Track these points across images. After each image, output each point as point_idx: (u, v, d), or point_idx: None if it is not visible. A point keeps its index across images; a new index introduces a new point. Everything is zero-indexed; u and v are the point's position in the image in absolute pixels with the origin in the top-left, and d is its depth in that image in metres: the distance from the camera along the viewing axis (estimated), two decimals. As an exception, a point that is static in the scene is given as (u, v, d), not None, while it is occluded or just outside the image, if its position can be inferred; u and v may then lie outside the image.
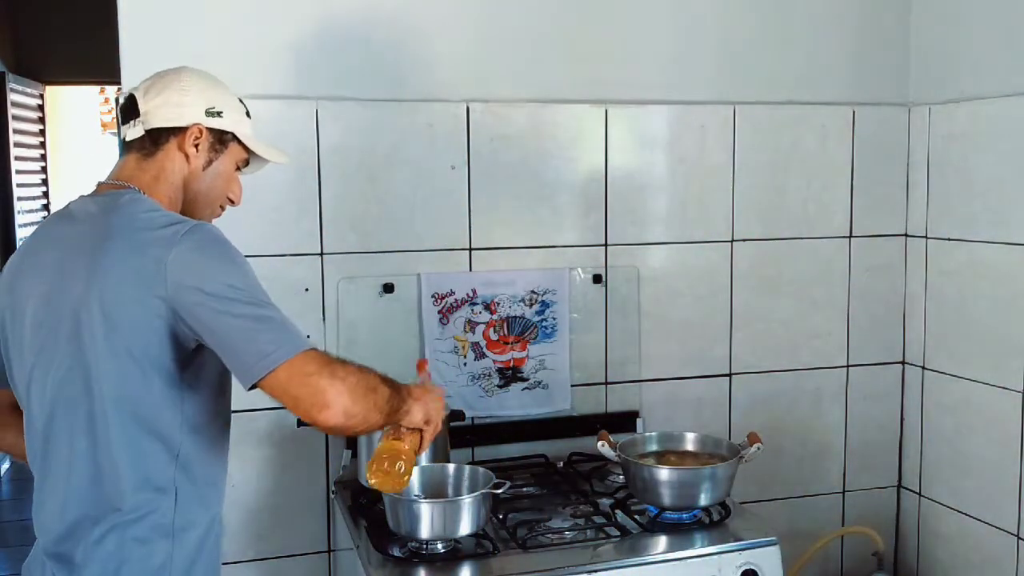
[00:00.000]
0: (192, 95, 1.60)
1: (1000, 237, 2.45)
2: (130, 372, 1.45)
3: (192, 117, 1.60)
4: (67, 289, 1.47)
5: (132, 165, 1.60)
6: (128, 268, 1.44)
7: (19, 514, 5.02)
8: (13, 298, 1.56)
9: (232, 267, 1.46)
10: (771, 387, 2.69)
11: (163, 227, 1.47)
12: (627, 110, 2.50)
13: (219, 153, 1.64)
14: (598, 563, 1.89)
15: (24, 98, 6.02)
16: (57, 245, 1.53)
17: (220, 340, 1.44)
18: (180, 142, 1.60)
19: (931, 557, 2.75)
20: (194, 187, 1.62)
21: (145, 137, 1.59)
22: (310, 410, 1.43)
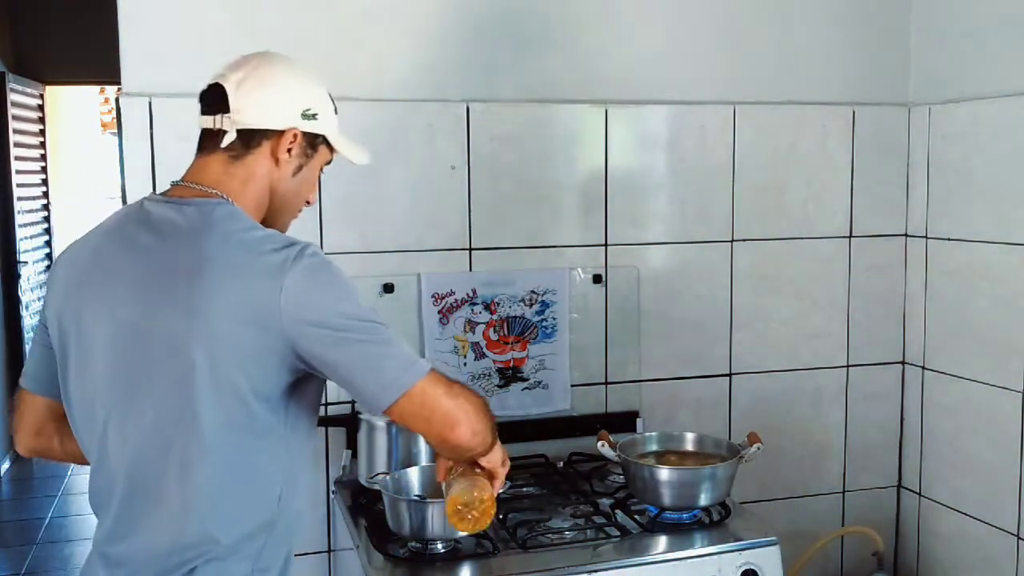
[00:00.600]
0: (291, 95, 1.49)
1: (1000, 237, 2.45)
2: (235, 411, 1.37)
3: (289, 120, 1.48)
4: (159, 321, 1.36)
5: (218, 168, 1.47)
6: (236, 300, 1.34)
7: (19, 514, 5.02)
8: (80, 311, 1.43)
9: (344, 293, 1.40)
10: (771, 387, 2.69)
11: (270, 252, 1.37)
12: (627, 110, 2.50)
13: (309, 158, 1.54)
14: (598, 563, 1.89)
15: (24, 98, 6.02)
16: (138, 262, 1.41)
17: (344, 372, 1.39)
18: (274, 146, 1.48)
19: (931, 557, 2.75)
20: (280, 193, 1.52)
21: (235, 138, 1.46)
22: (443, 430, 1.43)
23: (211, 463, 1.38)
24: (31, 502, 5.19)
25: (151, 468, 1.40)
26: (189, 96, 2.16)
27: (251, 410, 1.38)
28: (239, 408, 1.37)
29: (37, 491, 5.35)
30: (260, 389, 1.38)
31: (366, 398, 1.41)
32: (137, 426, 1.39)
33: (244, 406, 1.37)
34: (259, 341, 1.35)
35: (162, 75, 2.19)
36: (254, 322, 1.34)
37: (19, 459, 5.83)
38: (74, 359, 1.45)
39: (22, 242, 5.86)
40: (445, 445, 1.47)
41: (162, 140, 2.18)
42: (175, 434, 1.38)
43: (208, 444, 1.37)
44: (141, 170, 2.17)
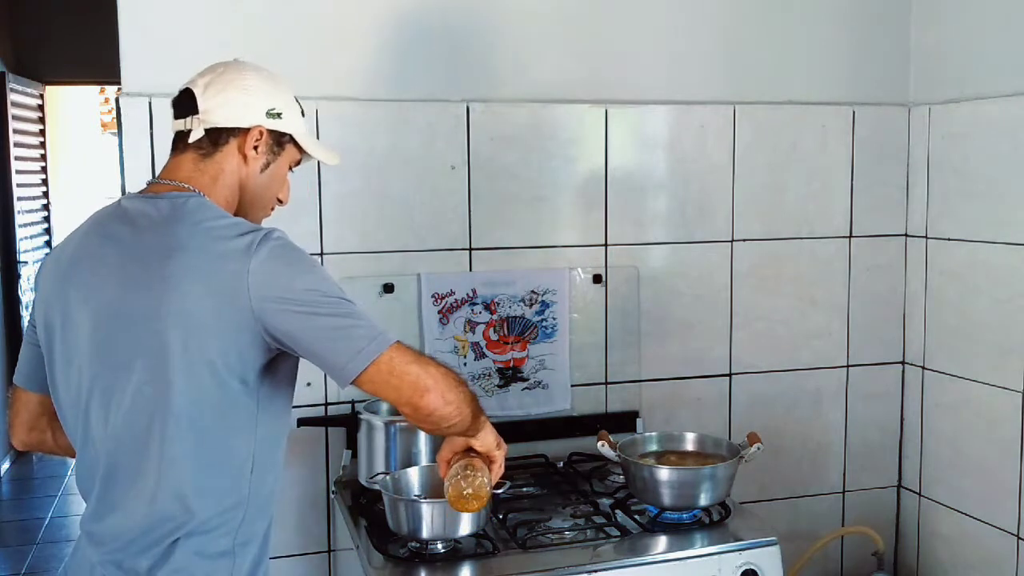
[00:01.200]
0: (255, 95, 1.56)
1: (1000, 237, 2.45)
2: (208, 387, 1.43)
3: (254, 118, 1.56)
4: (135, 302, 1.43)
5: (189, 165, 1.55)
6: (205, 281, 1.41)
7: (19, 514, 5.02)
8: (65, 303, 1.50)
9: (310, 271, 1.46)
10: (771, 387, 2.69)
11: (236, 236, 1.44)
12: (627, 110, 2.50)
13: (276, 155, 1.61)
14: (598, 563, 1.89)
15: (24, 98, 6.02)
16: (116, 251, 1.48)
17: (311, 345, 1.44)
18: (240, 143, 1.56)
19: (931, 557, 2.75)
20: (250, 189, 1.59)
21: (204, 136, 1.54)
22: (412, 396, 1.47)
23: (185, 439, 1.43)
24: (31, 502, 5.19)
25: (129, 445, 1.45)
26: (189, 96, 2.19)
27: (225, 388, 1.43)
28: (213, 386, 1.43)
29: (37, 491, 5.36)
30: (234, 368, 1.43)
31: (335, 370, 1.45)
32: (118, 404, 1.45)
33: (219, 384, 1.43)
34: (230, 320, 1.41)
35: (162, 75, 2.18)
36: (225, 302, 1.40)
37: (19, 459, 5.83)
38: (59, 350, 1.51)
39: (22, 242, 5.87)
40: (418, 414, 1.49)
41: (162, 140, 2.17)
42: (152, 411, 1.43)
43: (182, 420, 1.42)
44: (141, 170, 2.17)
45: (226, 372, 1.43)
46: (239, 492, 1.49)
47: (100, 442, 1.48)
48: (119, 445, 1.46)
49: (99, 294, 1.46)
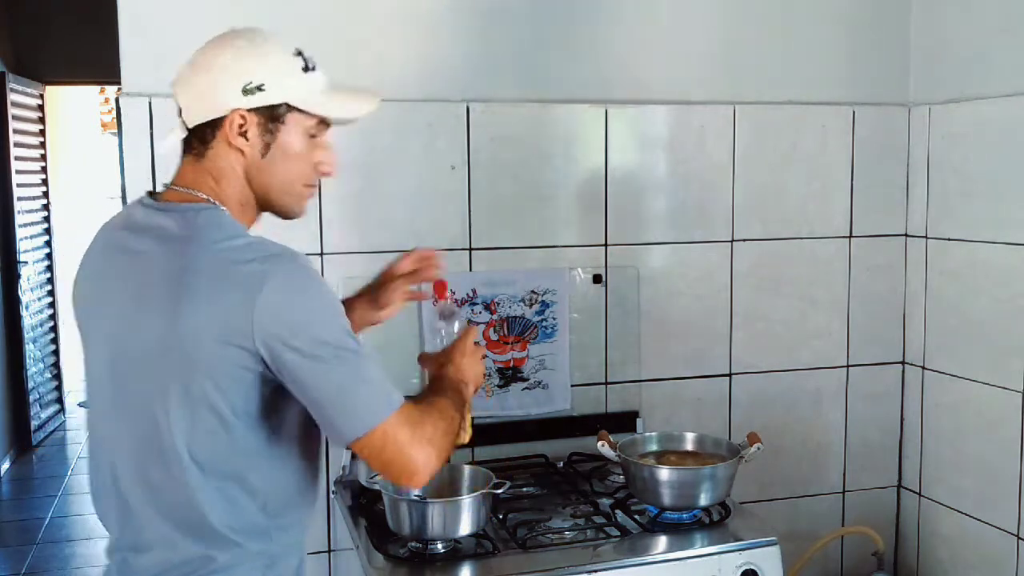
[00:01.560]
0: (224, 74, 1.38)
1: (1000, 237, 2.45)
2: (207, 421, 1.33)
3: (228, 103, 1.37)
4: (146, 326, 1.33)
5: (190, 170, 1.42)
6: (212, 316, 1.29)
7: (19, 514, 5.02)
8: (88, 320, 1.46)
9: (318, 314, 1.33)
10: (771, 387, 2.69)
11: (247, 262, 1.30)
12: (627, 110, 2.50)
13: (276, 133, 1.40)
14: (598, 563, 1.89)
15: (24, 98, 6.02)
16: (128, 271, 1.38)
17: (312, 397, 1.33)
18: (225, 135, 1.38)
19: (931, 557, 2.75)
20: (259, 179, 1.42)
21: (192, 137, 1.41)
22: (399, 477, 1.39)
23: (186, 483, 1.34)
24: (31, 502, 5.19)
25: (131, 488, 1.39)
26: (189, 96, 2.19)
27: (225, 424, 1.34)
28: (212, 420, 1.33)
29: (37, 491, 5.35)
30: (237, 406, 1.34)
31: (330, 430, 1.37)
32: (125, 429, 1.38)
33: (218, 419, 1.33)
34: (234, 359, 1.30)
35: (162, 75, 2.16)
36: (229, 340, 1.29)
37: (19, 459, 5.83)
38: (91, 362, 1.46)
39: (22, 242, 5.86)
40: (412, 484, 1.41)
41: (162, 140, 2.18)
42: (147, 453, 1.35)
43: (183, 463, 1.33)
44: (141, 170, 2.17)
45: (231, 412, 1.33)
46: (257, 531, 1.40)
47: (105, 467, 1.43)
48: (123, 486, 1.39)
49: (115, 317, 1.38)
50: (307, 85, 1.44)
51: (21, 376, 5.85)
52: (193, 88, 1.40)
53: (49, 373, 6.38)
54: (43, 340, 6.30)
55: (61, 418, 6.59)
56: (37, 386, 6.09)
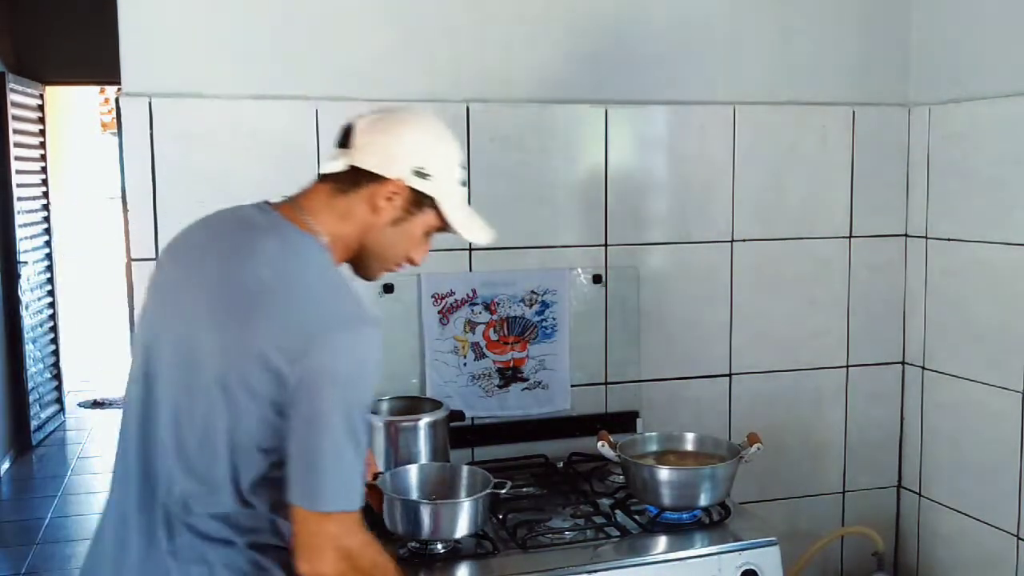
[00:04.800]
0: (409, 147, 1.51)
1: (1000, 237, 2.45)
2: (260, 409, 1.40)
3: (398, 172, 1.50)
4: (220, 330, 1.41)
5: (323, 197, 1.52)
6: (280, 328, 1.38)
7: (19, 514, 5.02)
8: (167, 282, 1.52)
9: (359, 391, 1.40)
10: (771, 387, 2.69)
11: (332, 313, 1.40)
12: (627, 110, 2.50)
13: (412, 215, 1.53)
14: (598, 563, 1.89)
15: (24, 98, 6.02)
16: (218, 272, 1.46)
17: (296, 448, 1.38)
18: (375, 191, 1.50)
19: (931, 557, 2.75)
20: (372, 239, 1.53)
21: (345, 173, 1.51)
22: (299, 549, 1.39)
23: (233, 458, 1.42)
24: (31, 502, 5.18)
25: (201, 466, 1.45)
26: (189, 96, 2.19)
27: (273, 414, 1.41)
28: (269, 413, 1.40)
29: (37, 491, 5.35)
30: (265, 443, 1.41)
31: (291, 485, 1.39)
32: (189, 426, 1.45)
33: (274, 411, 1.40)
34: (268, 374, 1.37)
35: (162, 75, 2.19)
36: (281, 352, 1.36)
37: (19, 459, 5.83)
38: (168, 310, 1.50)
39: (22, 242, 5.86)
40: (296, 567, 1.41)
41: (162, 140, 2.18)
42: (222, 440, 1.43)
43: None
44: (141, 170, 2.17)
45: None
46: None
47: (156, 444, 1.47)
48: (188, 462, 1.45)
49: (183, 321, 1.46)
50: (458, 196, 1.58)
51: (21, 376, 5.85)
52: (377, 141, 1.51)
53: (49, 373, 6.38)
54: (43, 340, 6.30)
55: (61, 418, 6.59)
56: (37, 386, 6.09)
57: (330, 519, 1.38)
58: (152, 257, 2.16)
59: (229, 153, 2.22)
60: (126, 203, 2.19)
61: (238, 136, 2.22)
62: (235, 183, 2.15)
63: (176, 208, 2.17)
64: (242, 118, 2.23)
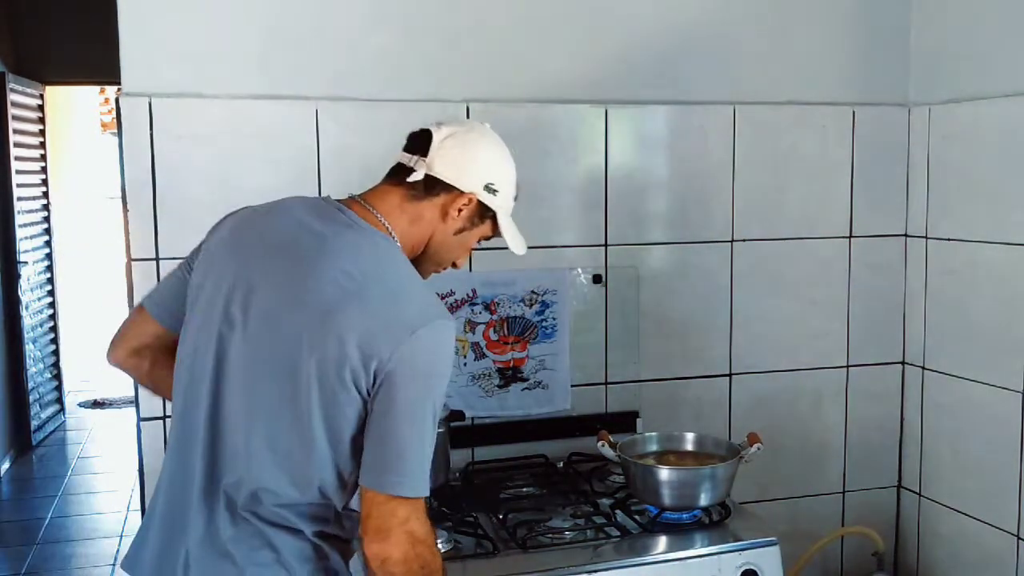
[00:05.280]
0: (482, 165, 1.61)
1: (1000, 237, 2.45)
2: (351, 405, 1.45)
3: (472, 186, 1.60)
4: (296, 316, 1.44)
5: (396, 200, 1.59)
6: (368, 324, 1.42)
7: (19, 514, 5.02)
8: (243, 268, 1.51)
9: (439, 380, 1.47)
10: (771, 387, 2.69)
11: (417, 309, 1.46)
12: (627, 110, 2.50)
13: (474, 226, 1.64)
14: (598, 563, 1.89)
15: (24, 98, 6.02)
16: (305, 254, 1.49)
17: (377, 435, 1.44)
18: (448, 202, 1.59)
19: (931, 557, 2.75)
20: (435, 245, 1.62)
21: (420, 181, 1.58)
22: (366, 533, 1.44)
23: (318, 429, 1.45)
24: (31, 502, 5.18)
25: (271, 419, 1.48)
26: (189, 96, 2.19)
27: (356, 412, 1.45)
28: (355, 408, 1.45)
29: (37, 491, 5.35)
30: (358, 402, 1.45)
31: (367, 468, 1.45)
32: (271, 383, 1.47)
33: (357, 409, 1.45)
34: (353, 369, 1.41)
35: (162, 75, 2.19)
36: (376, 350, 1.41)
37: (19, 459, 5.83)
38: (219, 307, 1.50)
39: (22, 242, 5.86)
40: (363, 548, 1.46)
41: (162, 140, 2.18)
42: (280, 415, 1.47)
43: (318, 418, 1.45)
44: (141, 170, 2.17)
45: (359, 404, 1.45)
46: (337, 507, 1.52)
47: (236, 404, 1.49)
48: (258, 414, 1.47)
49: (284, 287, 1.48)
50: (510, 210, 1.70)
51: (21, 376, 5.85)
52: (456, 153, 1.59)
53: (49, 373, 6.38)
54: (43, 340, 6.30)
55: (61, 418, 6.59)
56: (37, 386, 6.09)
57: (402, 503, 1.43)
58: (152, 257, 2.16)
59: (229, 153, 2.22)
60: (126, 203, 2.19)
61: (238, 136, 2.22)
62: (235, 183, 2.16)
63: (176, 208, 2.17)
64: (242, 118, 2.23)
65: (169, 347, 1.63)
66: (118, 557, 4.31)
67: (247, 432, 1.48)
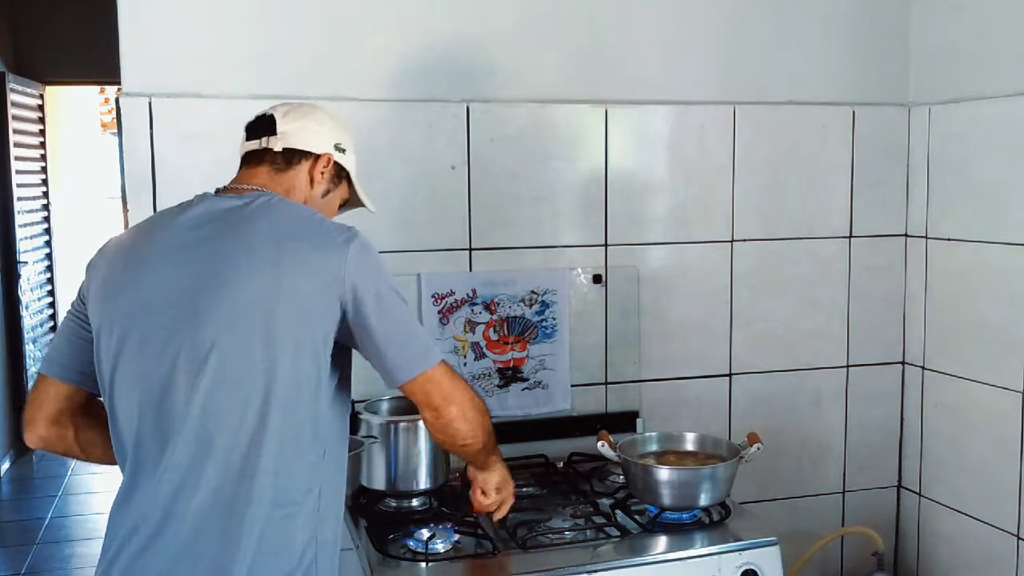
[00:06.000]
0: (327, 128, 1.73)
1: (1000, 237, 2.45)
2: (306, 368, 1.49)
3: (325, 147, 1.72)
4: (244, 287, 1.48)
5: (264, 177, 1.67)
6: (314, 266, 1.50)
7: (19, 514, 5.02)
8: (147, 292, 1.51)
9: (384, 270, 1.58)
10: (771, 387, 2.69)
11: (333, 228, 1.56)
12: (627, 110, 2.50)
13: (335, 186, 1.75)
14: (598, 563, 1.89)
15: (24, 98, 6.02)
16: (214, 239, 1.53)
17: (378, 341, 1.54)
18: (311, 166, 1.70)
19: (931, 557, 2.75)
20: None
21: (279, 154, 1.68)
22: (440, 403, 1.60)
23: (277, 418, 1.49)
24: (31, 502, 5.19)
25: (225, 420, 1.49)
26: (189, 96, 2.20)
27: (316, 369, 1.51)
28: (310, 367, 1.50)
29: (37, 491, 5.35)
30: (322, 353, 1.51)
31: (390, 370, 1.57)
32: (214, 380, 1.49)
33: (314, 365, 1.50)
34: (329, 306, 1.50)
35: (162, 75, 2.19)
36: (328, 286, 1.50)
37: (19, 459, 5.83)
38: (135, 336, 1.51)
39: (22, 242, 5.86)
40: (439, 421, 1.62)
41: (162, 140, 2.18)
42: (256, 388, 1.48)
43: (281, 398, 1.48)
44: (141, 170, 2.17)
45: (319, 356, 1.50)
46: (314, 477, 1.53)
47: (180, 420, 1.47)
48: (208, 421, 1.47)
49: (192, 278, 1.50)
50: (355, 170, 1.81)
51: (21, 376, 5.84)
52: (302, 124, 1.70)
53: (49, 373, 6.37)
54: (43, 340, 6.29)
55: (61, 418, 6.58)
56: (37, 386, 6.09)
57: (436, 370, 1.59)
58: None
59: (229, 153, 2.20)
60: (126, 203, 2.19)
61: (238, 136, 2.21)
62: (235, 183, 2.16)
63: (176, 208, 2.17)
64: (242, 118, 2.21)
65: (83, 407, 1.65)
66: (118, 557, 4.31)
67: None
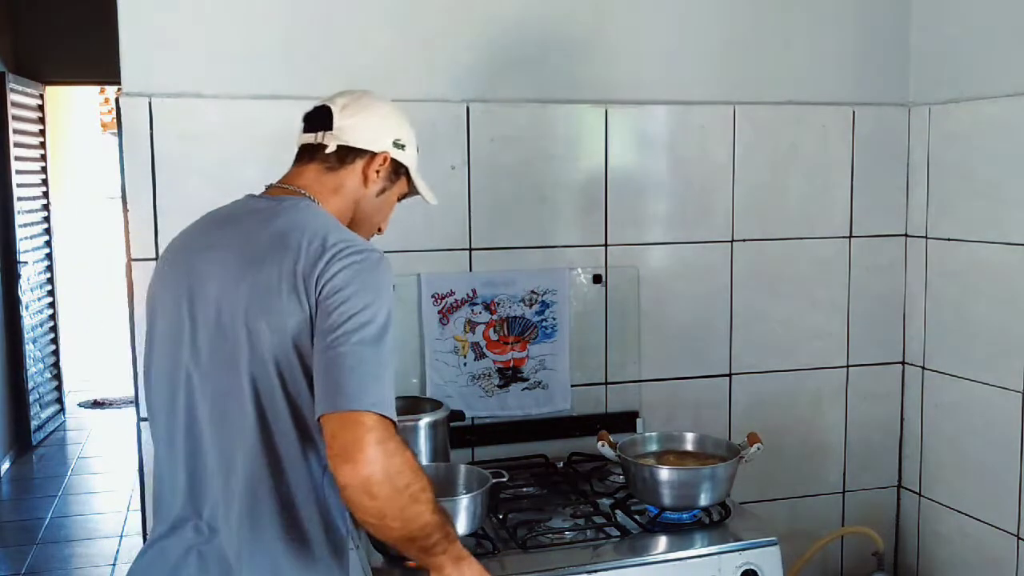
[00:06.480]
0: (387, 123, 1.67)
1: (1000, 237, 2.45)
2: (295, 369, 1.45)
3: (383, 145, 1.66)
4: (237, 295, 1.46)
5: (312, 175, 1.63)
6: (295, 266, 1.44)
7: (19, 514, 5.02)
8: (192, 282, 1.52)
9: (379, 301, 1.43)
10: (771, 387, 2.69)
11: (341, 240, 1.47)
12: (627, 110, 2.50)
13: (392, 183, 1.70)
14: (598, 563, 1.89)
15: (24, 98, 6.02)
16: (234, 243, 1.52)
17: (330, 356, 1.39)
18: (365, 165, 1.64)
19: (931, 557, 2.75)
20: (362, 209, 1.67)
21: (333, 152, 1.63)
22: (337, 455, 1.34)
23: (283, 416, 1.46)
24: (31, 502, 5.18)
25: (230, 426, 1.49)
26: (189, 96, 2.20)
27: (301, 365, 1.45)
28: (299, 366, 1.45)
29: (37, 491, 5.35)
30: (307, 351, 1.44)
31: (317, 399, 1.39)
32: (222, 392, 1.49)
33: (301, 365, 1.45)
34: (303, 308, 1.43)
35: (162, 75, 2.19)
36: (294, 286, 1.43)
37: (19, 459, 5.83)
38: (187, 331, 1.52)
39: (22, 242, 5.86)
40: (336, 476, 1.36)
41: (162, 140, 2.18)
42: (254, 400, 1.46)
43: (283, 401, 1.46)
44: (141, 170, 2.17)
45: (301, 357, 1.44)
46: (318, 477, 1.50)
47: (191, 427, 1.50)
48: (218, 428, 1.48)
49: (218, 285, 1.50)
50: (416, 164, 1.75)
51: (21, 376, 5.85)
52: (361, 119, 1.65)
53: (49, 373, 6.38)
54: (43, 340, 6.30)
55: (61, 418, 6.59)
56: (37, 386, 6.09)
57: (365, 416, 1.35)
58: (152, 257, 2.16)
59: (229, 153, 2.22)
60: (126, 203, 2.19)
61: (238, 136, 2.22)
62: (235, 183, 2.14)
63: (176, 208, 2.17)
64: (242, 118, 2.23)
65: None
66: (118, 557, 4.31)
67: None
